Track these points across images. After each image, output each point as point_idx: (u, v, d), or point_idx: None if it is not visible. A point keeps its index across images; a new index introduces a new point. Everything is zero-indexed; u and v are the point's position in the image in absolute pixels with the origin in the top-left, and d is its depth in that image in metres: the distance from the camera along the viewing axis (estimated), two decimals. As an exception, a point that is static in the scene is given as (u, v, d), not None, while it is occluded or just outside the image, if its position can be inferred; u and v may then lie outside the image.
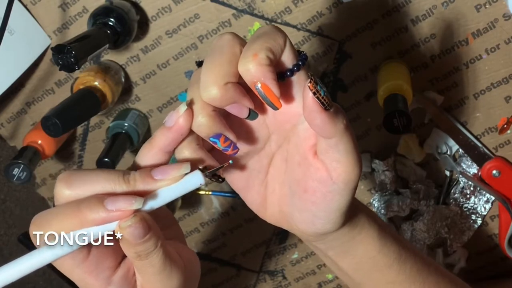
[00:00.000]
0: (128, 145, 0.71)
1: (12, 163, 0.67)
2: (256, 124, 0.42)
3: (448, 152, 0.72)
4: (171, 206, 0.71)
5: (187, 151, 0.38)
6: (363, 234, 0.45)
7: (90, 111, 0.64)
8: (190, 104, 0.37)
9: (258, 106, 0.39)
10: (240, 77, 0.36)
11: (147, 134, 0.75)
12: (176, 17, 0.68)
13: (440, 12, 0.65)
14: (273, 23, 0.67)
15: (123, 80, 0.71)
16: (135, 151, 0.76)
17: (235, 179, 0.43)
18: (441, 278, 0.50)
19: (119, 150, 0.69)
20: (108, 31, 0.63)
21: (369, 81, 0.70)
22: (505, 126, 0.71)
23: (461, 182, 0.74)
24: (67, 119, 0.59)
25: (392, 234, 0.47)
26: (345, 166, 0.39)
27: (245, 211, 0.79)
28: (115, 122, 0.72)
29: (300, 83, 0.38)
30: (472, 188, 0.74)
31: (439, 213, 0.75)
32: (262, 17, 0.67)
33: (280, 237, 0.82)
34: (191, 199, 0.79)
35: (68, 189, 0.36)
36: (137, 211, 0.36)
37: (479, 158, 0.71)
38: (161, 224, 0.40)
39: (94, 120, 0.75)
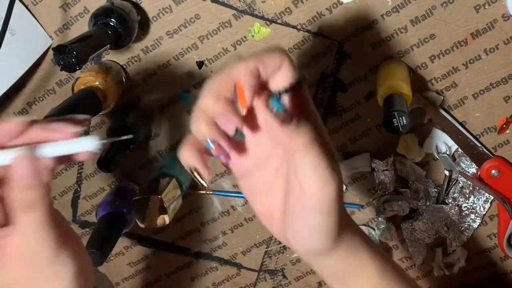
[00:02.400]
0: (128, 145, 0.71)
1: (14, 163, 0.67)
2: (261, 141, 0.43)
3: (448, 152, 0.73)
4: (171, 205, 0.71)
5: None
6: (362, 263, 0.44)
7: (91, 111, 0.64)
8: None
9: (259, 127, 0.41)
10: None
11: (147, 134, 0.76)
12: (177, 17, 0.68)
13: (439, 13, 0.66)
14: (273, 24, 0.68)
15: (124, 80, 0.71)
16: (135, 151, 0.76)
17: (243, 187, 0.44)
18: None
19: (119, 150, 0.69)
20: (109, 32, 0.63)
21: (369, 81, 0.70)
22: (504, 126, 0.71)
23: (460, 182, 0.75)
24: (68, 119, 0.59)
25: (395, 271, 0.47)
26: (314, 182, 0.39)
27: (245, 210, 0.80)
28: (115, 122, 0.72)
29: (297, 104, 0.40)
30: (471, 188, 0.74)
31: (438, 212, 0.75)
32: (262, 17, 0.68)
33: (280, 237, 0.82)
34: (191, 199, 0.80)
35: None
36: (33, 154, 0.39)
37: (478, 158, 0.72)
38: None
39: (94, 120, 0.76)
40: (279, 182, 0.43)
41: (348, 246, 0.43)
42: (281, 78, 0.39)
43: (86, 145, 0.41)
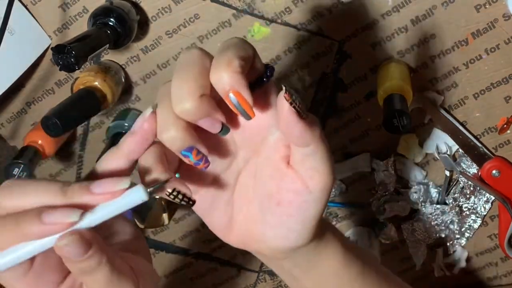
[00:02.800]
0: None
1: (12, 163, 0.67)
2: (223, 141, 0.41)
3: (448, 152, 0.72)
4: (171, 206, 0.71)
5: (151, 159, 0.37)
6: (328, 249, 0.44)
7: (90, 111, 0.64)
8: (155, 108, 0.37)
9: (228, 120, 0.38)
10: (211, 90, 0.35)
11: (147, 134, 0.75)
12: (176, 17, 0.68)
13: (440, 12, 0.66)
14: (273, 23, 0.68)
15: (123, 80, 0.71)
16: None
17: (198, 202, 0.41)
18: None
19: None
20: (108, 31, 0.63)
21: (369, 81, 0.70)
22: (505, 126, 0.71)
23: (461, 182, 0.74)
24: (67, 119, 0.59)
25: (355, 249, 0.47)
26: (323, 174, 0.39)
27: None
28: (115, 122, 0.72)
29: (267, 95, 0.38)
30: (472, 188, 0.74)
31: (439, 213, 0.75)
32: (262, 17, 0.67)
33: (280, 237, 0.82)
34: (191, 199, 0.79)
35: (7, 200, 0.35)
36: (76, 231, 0.34)
37: (479, 158, 0.71)
38: (118, 237, 0.39)
39: (94, 120, 0.76)
40: (243, 185, 0.42)
41: (319, 232, 0.43)
42: (256, 69, 0.37)
43: (135, 197, 0.36)
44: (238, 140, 0.41)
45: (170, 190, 0.36)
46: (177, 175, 0.38)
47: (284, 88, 0.35)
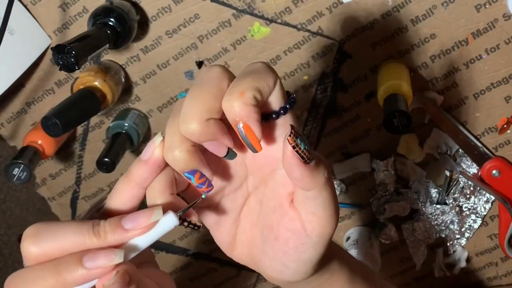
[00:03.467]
0: (128, 145, 0.71)
1: (12, 163, 0.67)
2: (234, 163, 0.40)
3: (448, 152, 0.72)
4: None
5: (159, 188, 0.37)
6: (333, 279, 0.44)
7: (90, 111, 0.64)
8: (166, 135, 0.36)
9: (239, 144, 0.36)
10: (223, 113, 0.35)
11: (147, 134, 0.76)
12: (176, 17, 0.68)
13: (440, 12, 0.65)
14: (273, 23, 0.67)
15: (123, 80, 0.71)
16: (135, 151, 0.76)
17: (207, 215, 0.41)
18: None
19: (119, 150, 0.69)
20: (108, 31, 0.63)
21: (369, 81, 0.70)
22: (505, 126, 0.71)
23: (461, 182, 0.74)
24: (67, 119, 0.59)
25: (362, 275, 0.46)
26: (321, 220, 0.38)
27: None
28: (115, 122, 0.72)
29: (285, 127, 0.37)
30: (472, 188, 0.74)
31: (439, 213, 0.75)
32: (262, 17, 0.67)
33: (280, 237, 0.82)
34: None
35: (36, 246, 0.34)
36: (120, 268, 0.34)
37: (479, 158, 0.71)
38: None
39: (94, 120, 0.75)
40: (250, 209, 0.42)
41: (322, 266, 0.42)
42: (276, 99, 0.36)
43: (168, 224, 0.36)
44: (249, 165, 0.41)
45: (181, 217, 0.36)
46: (203, 196, 0.38)
47: (290, 129, 0.34)
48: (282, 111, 0.36)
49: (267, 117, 0.36)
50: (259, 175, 0.41)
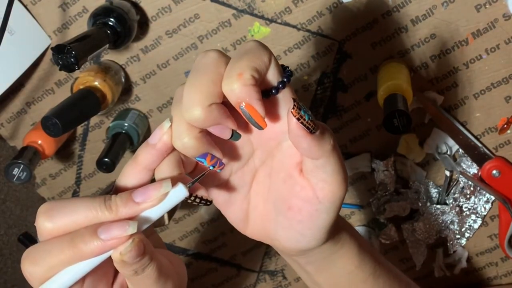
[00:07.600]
0: (128, 145, 0.71)
1: (12, 163, 0.67)
2: (240, 140, 0.41)
3: (448, 152, 0.72)
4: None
5: (167, 170, 0.38)
6: (344, 249, 0.45)
7: (90, 111, 0.64)
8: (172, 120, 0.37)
9: (243, 122, 0.38)
10: (224, 96, 0.35)
11: (147, 134, 0.75)
12: (176, 17, 0.68)
13: (440, 12, 0.65)
14: (273, 23, 0.67)
15: (123, 80, 0.71)
16: (135, 151, 0.76)
17: (217, 194, 0.42)
18: None
19: (119, 150, 0.69)
20: (108, 31, 0.63)
21: (369, 81, 0.70)
22: (505, 126, 0.71)
23: (461, 182, 0.74)
24: (67, 119, 0.59)
25: (369, 250, 0.47)
26: (332, 186, 0.39)
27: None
28: (115, 122, 0.72)
29: (285, 100, 0.38)
30: (472, 188, 0.74)
31: (439, 213, 0.75)
32: (262, 17, 0.67)
33: (280, 237, 0.82)
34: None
35: (50, 222, 0.36)
36: (134, 236, 0.35)
37: (479, 158, 0.71)
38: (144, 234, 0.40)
39: (94, 120, 0.75)
40: (259, 184, 0.42)
41: (334, 234, 0.43)
42: (273, 75, 0.37)
43: (178, 196, 0.37)
44: (254, 140, 0.41)
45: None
46: (210, 168, 0.38)
47: (293, 102, 0.35)
48: (280, 86, 0.37)
49: (267, 94, 0.37)
50: (265, 150, 0.41)
